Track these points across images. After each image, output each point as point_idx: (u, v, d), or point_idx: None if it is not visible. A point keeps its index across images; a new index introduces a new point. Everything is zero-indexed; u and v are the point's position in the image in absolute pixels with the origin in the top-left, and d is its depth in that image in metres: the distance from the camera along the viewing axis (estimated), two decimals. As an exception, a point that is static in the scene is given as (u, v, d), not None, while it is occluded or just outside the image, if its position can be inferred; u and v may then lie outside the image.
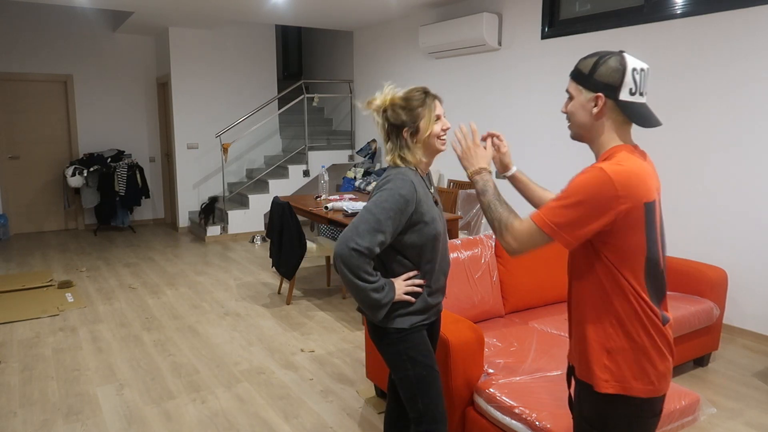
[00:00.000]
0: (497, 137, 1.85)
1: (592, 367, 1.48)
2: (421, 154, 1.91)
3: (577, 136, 1.56)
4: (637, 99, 1.46)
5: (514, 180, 1.90)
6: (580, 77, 1.49)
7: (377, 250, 1.79)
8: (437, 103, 1.90)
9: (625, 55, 1.46)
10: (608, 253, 1.43)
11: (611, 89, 1.45)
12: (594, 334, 1.48)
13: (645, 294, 1.45)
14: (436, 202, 1.97)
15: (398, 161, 1.91)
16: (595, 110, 1.47)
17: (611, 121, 1.48)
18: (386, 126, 1.91)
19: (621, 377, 1.45)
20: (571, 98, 1.53)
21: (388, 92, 1.91)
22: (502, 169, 1.93)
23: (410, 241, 1.87)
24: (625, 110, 1.46)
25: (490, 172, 1.59)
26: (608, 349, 1.46)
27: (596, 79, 1.46)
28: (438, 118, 1.88)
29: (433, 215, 1.90)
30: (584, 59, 1.50)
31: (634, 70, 1.44)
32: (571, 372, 1.66)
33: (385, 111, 1.90)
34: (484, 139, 1.69)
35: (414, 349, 1.91)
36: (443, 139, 1.91)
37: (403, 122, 1.87)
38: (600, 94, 1.45)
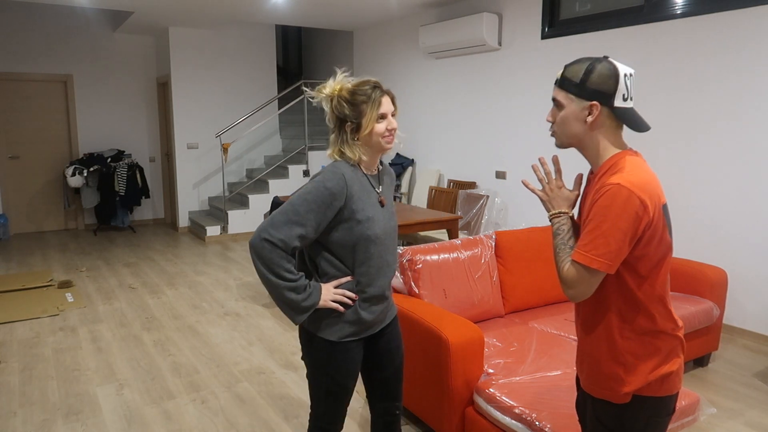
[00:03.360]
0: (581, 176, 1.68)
1: (608, 384, 1.47)
2: (360, 152, 1.81)
3: (564, 145, 1.50)
4: (628, 104, 1.43)
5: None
6: (570, 85, 1.43)
7: (295, 243, 1.71)
8: (385, 100, 1.78)
9: (613, 60, 1.43)
10: (640, 264, 1.40)
11: (606, 97, 1.40)
12: (608, 352, 1.47)
13: (667, 298, 1.44)
14: (381, 203, 1.86)
15: (336, 156, 1.83)
16: (590, 119, 1.42)
17: (606, 128, 1.44)
18: (333, 116, 1.82)
19: (637, 384, 1.44)
20: (559, 107, 1.47)
21: (338, 81, 1.82)
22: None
23: (338, 239, 1.77)
24: (620, 116, 1.42)
25: (569, 215, 1.52)
26: (624, 363, 1.45)
27: (589, 87, 1.40)
28: (383, 116, 1.77)
29: (369, 215, 1.79)
30: (572, 66, 1.44)
31: (625, 75, 1.41)
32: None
33: (332, 100, 1.81)
34: (577, 184, 1.58)
35: (335, 368, 1.84)
36: (388, 138, 1.80)
37: (346, 116, 1.78)
38: (595, 102, 1.41)
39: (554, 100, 1.49)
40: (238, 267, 6.03)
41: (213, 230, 7.31)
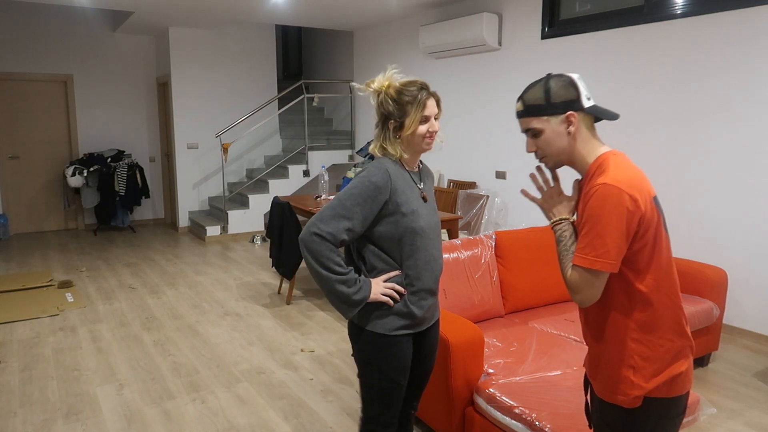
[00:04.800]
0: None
1: (620, 389, 1.46)
2: (401, 150, 1.85)
3: (558, 164, 1.54)
4: (592, 102, 1.49)
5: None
6: (539, 110, 1.48)
7: (343, 237, 1.75)
8: (431, 102, 1.82)
9: (559, 73, 1.49)
10: (637, 258, 1.41)
11: (575, 103, 1.46)
12: (617, 355, 1.46)
13: (674, 290, 1.45)
14: (424, 199, 1.90)
15: (378, 151, 1.87)
16: (571, 129, 1.47)
17: (583, 131, 1.49)
18: (378, 112, 1.86)
19: (647, 387, 1.44)
20: (537, 134, 1.50)
21: (387, 77, 1.85)
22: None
23: (385, 233, 1.81)
24: (595, 113, 1.48)
25: (571, 221, 1.53)
26: (633, 366, 1.44)
27: (556, 101, 1.46)
28: (427, 119, 1.81)
29: (413, 208, 1.82)
30: (527, 94, 1.50)
31: (577, 78, 1.48)
32: (588, 380, 1.64)
33: (379, 95, 1.85)
34: (576, 189, 1.58)
35: (387, 362, 1.84)
36: (428, 140, 1.84)
37: (390, 114, 1.82)
38: (570, 112, 1.46)
39: (528, 130, 1.52)
40: (238, 267, 6.03)
41: (213, 230, 7.31)
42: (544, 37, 5.30)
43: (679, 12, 4.22)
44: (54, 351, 3.86)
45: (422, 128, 1.81)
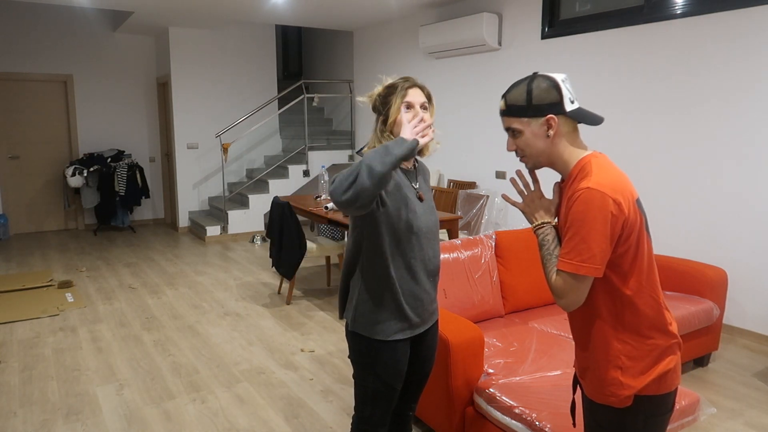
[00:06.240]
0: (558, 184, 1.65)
1: (610, 390, 1.46)
2: None
3: (537, 165, 1.53)
4: (576, 105, 1.48)
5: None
6: (520, 111, 1.47)
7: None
8: (414, 91, 1.82)
9: (545, 73, 1.47)
10: (622, 260, 1.41)
11: (556, 106, 1.45)
12: (604, 356, 1.47)
13: (657, 291, 1.45)
14: (420, 198, 1.87)
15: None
16: (551, 132, 1.46)
17: (565, 135, 1.48)
18: (375, 116, 1.89)
19: (636, 386, 1.44)
20: (517, 134, 1.50)
21: (382, 84, 1.90)
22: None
23: (379, 233, 1.79)
24: (576, 118, 1.47)
25: (553, 225, 1.53)
26: (620, 366, 1.45)
27: (537, 104, 1.45)
28: (410, 106, 1.80)
29: (400, 205, 1.80)
30: (511, 93, 1.49)
31: (562, 81, 1.46)
32: (577, 380, 1.65)
33: (372, 101, 1.90)
34: (557, 192, 1.57)
35: (382, 366, 1.84)
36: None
37: (378, 110, 1.86)
38: (550, 115, 1.45)
39: (509, 129, 1.52)
40: (238, 267, 6.03)
41: (213, 230, 7.31)
42: (544, 37, 5.30)
43: (679, 12, 4.22)
44: (54, 351, 3.86)
45: (405, 116, 1.79)
